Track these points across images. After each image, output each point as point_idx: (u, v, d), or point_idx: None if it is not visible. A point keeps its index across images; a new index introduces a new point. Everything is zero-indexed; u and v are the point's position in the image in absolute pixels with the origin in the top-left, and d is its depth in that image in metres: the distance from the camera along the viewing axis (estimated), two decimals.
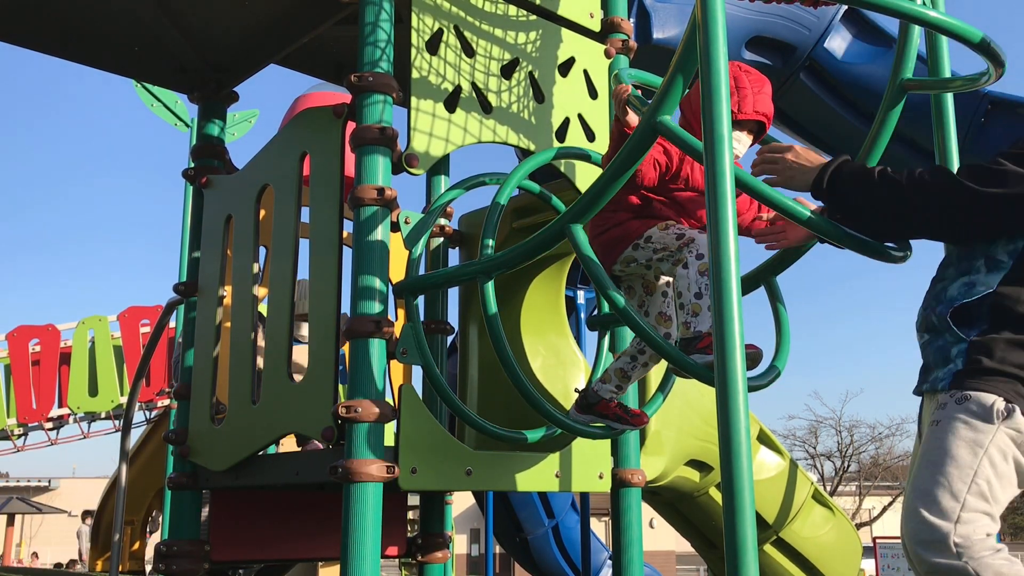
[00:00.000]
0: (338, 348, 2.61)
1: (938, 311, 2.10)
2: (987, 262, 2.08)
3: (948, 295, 2.11)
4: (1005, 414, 1.96)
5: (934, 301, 2.15)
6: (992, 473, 1.94)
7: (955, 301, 2.08)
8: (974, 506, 1.92)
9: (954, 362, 2.05)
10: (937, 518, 1.93)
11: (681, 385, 3.03)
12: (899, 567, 11.12)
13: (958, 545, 1.90)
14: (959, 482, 1.94)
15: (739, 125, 2.44)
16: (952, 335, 2.07)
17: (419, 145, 2.65)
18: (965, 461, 1.95)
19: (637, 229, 2.48)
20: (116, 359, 12.64)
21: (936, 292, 2.16)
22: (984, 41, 2.20)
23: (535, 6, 3.04)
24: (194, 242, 3.40)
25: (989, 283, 2.05)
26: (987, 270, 2.08)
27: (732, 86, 2.38)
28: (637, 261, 2.50)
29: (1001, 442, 1.96)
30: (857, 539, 5.25)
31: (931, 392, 2.10)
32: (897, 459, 31.67)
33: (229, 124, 5.45)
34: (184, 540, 3.10)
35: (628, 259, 2.51)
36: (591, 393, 2.65)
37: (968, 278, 2.10)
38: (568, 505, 6.67)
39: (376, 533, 2.32)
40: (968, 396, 1.98)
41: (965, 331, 2.05)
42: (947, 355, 2.07)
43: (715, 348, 1.80)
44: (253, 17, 3.29)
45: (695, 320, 2.30)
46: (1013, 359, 1.99)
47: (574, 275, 5.73)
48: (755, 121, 2.47)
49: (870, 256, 2.22)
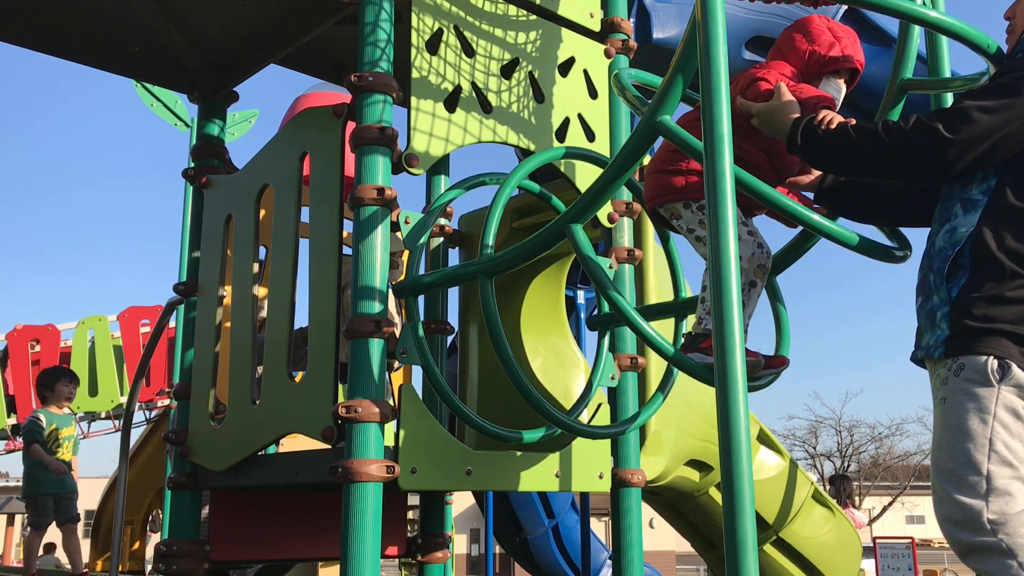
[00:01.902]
0: (338, 348, 2.61)
1: (935, 268, 2.09)
2: (963, 204, 2.09)
3: (936, 248, 2.11)
4: (1000, 373, 1.93)
5: (927, 260, 2.15)
6: (1007, 435, 1.92)
7: (944, 251, 2.07)
8: (1000, 475, 1.90)
9: (939, 326, 2.03)
10: (966, 496, 1.91)
11: (681, 385, 3.03)
12: (899, 567, 11.12)
13: (992, 522, 1.87)
14: (978, 454, 1.91)
15: (836, 73, 2.47)
16: (940, 296, 2.05)
17: (419, 145, 2.65)
18: (977, 431, 1.93)
19: (699, 190, 2.41)
20: (116, 359, 12.62)
21: (926, 250, 2.17)
22: (984, 41, 2.20)
23: (535, 6, 3.04)
24: (194, 242, 3.39)
25: (968, 223, 2.06)
26: (964, 212, 2.08)
27: (829, 36, 2.46)
28: (680, 219, 2.45)
29: (1006, 401, 1.93)
30: (857, 539, 5.25)
31: (929, 359, 2.08)
32: (897, 459, 31.71)
33: (229, 124, 5.46)
34: (184, 540, 3.10)
35: (673, 213, 2.48)
36: (698, 330, 2.45)
37: (949, 224, 2.10)
38: (568, 505, 6.67)
39: (376, 533, 2.32)
40: (963, 365, 1.97)
41: (950, 287, 2.03)
42: (933, 319, 2.06)
43: (715, 349, 1.80)
44: (253, 17, 3.29)
45: (708, 319, 2.28)
46: (995, 314, 1.97)
47: (574, 275, 5.73)
48: (850, 69, 2.49)
49: (870, 256, 2.22)
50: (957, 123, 1.99)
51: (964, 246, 2.04)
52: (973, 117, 1.99)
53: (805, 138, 2.16)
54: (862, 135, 2.09)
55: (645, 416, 2.86)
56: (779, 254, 2.51)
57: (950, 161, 2.00)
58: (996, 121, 1.98)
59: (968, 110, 2.00)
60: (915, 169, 2.09)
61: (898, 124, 2.05)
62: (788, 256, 2.49)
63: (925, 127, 2.01)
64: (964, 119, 1.99)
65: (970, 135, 1.98)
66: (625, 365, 3.00)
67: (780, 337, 2.57)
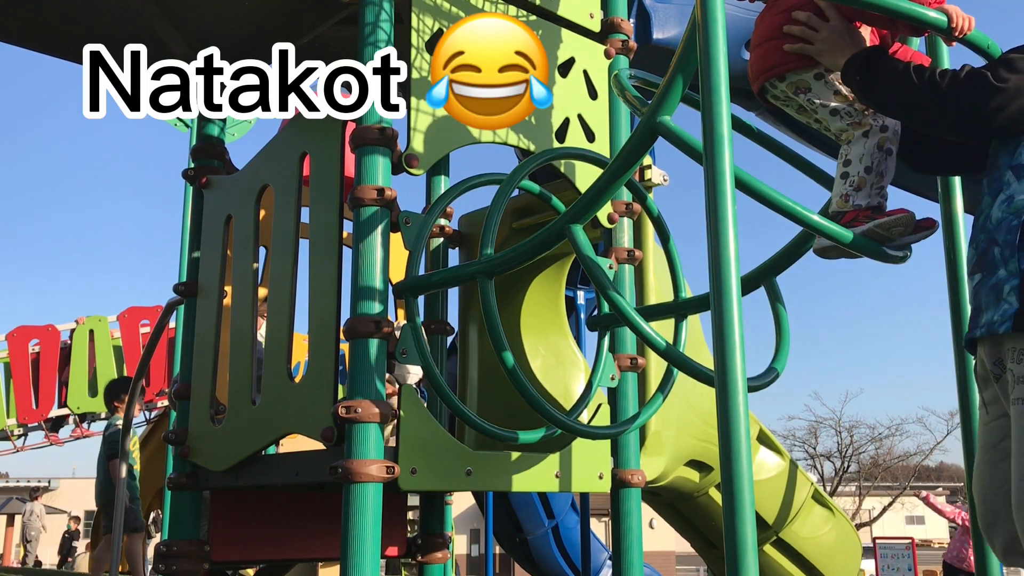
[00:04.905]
0: (338, 348, 2.61)
1: (1001, 240, 1.99)
2: (1014, 171, 2.04)
3: (994, 220, 2.04)
4: None
5: (983, 234, 2.06)
6: None
7: (1008, 221, 1.99)
8: None
9: (1007, 300, 1.94)
10: None
11: (681, 385, 3.03)
12: (899, 567, 11.12)
13: None
14: None
15: None
16: (1009, 268, 1.96)
17: (419, 145, 2.65)
18: None
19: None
20: (116, 359, 12.63)
21: (981, 225, 2.08)
22: (984, 41, 2.20)
23: (535, 6, 3.03)
24: (194, 242, 3.39)
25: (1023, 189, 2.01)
26: (1017, 179, 2.03)
27: None
28: (809, 92, 2.26)
29: None
30: (857, 539, 5.25)
31: (990, 337, 1.98)
32: (897, 459, 31.69)
33: (229, 124, 5.46)
34: (184, 540, 3.10)
35: (797, 85, 2.26)
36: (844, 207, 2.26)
37: (1003, 194, 2.04)
38: (568, 505, 6.66)
39: (376, 533, 2.32)
40: None
41: (1019, 258, 1.94)
42: (1000, 293, 1.96)
43: (715, 349, 1.80)
44: (253, 17, 3.29)
45: (856, 195, 2.18)
46: None
47: (574, 275, 5.72)
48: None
49: (870, 256, 2.22)
50: (1004, 72, 2.00)
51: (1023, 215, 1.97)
52: (1020, 67, 1.99)
53: (868, 65, 2.11)
54: (922, 76, 2.06)
55: (645, 416, 2.85)
56: (779, 255, 2.50)
57: (994, 109, 1.99)
58: None
59: (1015, 60, 2.01)
60: (962, 118, 2.06)
61: (953, 72, 2.05)
62: (788, 256, 2.49)
63: (975, 74, 2.02)
64: (1012, 68, 2.00)
65: (1017, 84, 1.98)
66: (625, 365, 3.00)
67: (780, 337, 2.57)
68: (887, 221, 2.15)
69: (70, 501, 27.73)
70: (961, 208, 3.00)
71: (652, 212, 3.05)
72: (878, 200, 2.21)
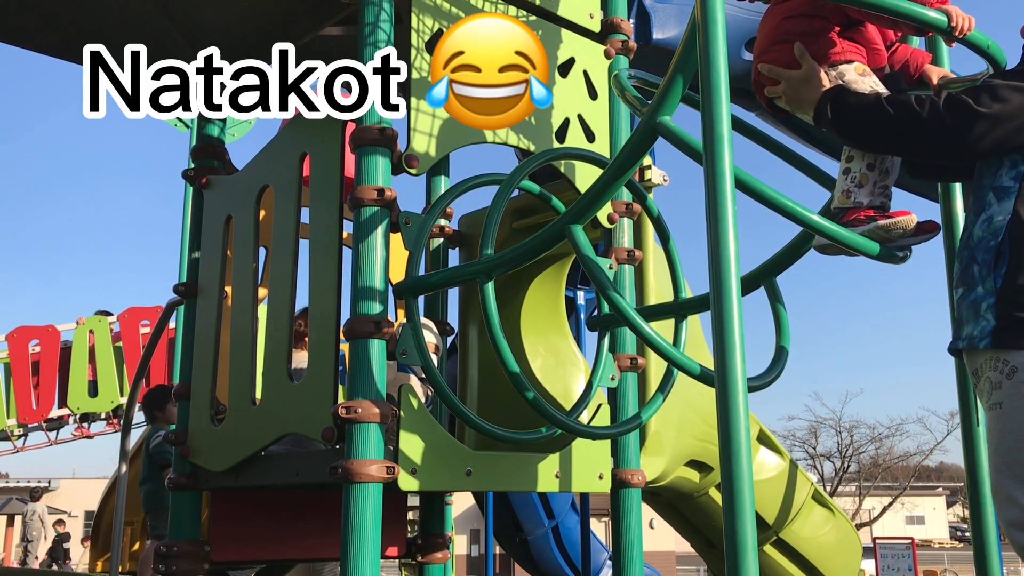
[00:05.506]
0: (338, 348, 2.61)
1: (980, 259, 2.06)
2: (995, 192, 2.07)
3: (976, 238, 2.09)
4: None
5: (966, 251, 2.12)
6: None
7: (986, 241, 2.05)
8: None
9: (984, 317, 2.01)
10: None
11: (681, 385, 3.03)
12: (899, 567, 11.11)
13: None
14: None
15: None
16: (986, 286, 2.02)
17: (419, 145, 2.64)
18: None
19: (832, 50, 2.23)
20: (116, 359, 12.62)
21: (965, 241, 2.14)
22: (984, 41, 2.20)
23: (535, 6, 3.03)
24: (194, 243, 3.39)
25: (1004, 210, 2.04)
26: (997, 200, 2.06)
27: None
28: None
29: None
30: (857, 539, 5.25)
31: (970, 350, 2.06)
32: (897, 459, 31.69)
33: (229, 125, 5.46)
34: (184, 540, 3.10)
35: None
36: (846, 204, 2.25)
37: (984, 214, 2.08)
38: (568, 505, 6.66)
39: (376, 533, 2.32)
40: (1015, 368, 1.94)
41: (996, 277, 2.00)
42: (978, 309, 2.03)
43: (715, 349, 1.80)
44: (253, 17, 3.29)
45: (858, 192, 2.19)
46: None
47: (574, 275, 5.72)
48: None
49: (870, 257, 2.21)
50: (987, 99, 2.00)
51: (1002, 235, 2.02)
52: (1003, 95, 2.00)
53: (836, 107, 2.12)
54: (896, 106, 2.06)
55: (645, 417, 2.85)
56: (779, 255, 2.50)
57: (977, 137, 2.00)
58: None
59: (998, 88, 2.01)
60: (944, 144, 2.07)
61: (930, 97, 2.05)
62: (788, 256, 2.49)
63: (956, 101, 2.02)
64: (994, 96, 2.00)
65: (999, 112, 1.99)
66: (625, 366, 3.00)
67: (780, 337, 2.57)
68: (888, 223, 2.16)
69: (70, 501, 27.72)
70: (961, 210, 3.00)
71: (652, 212, 3.05)
72: (881, 200, 2.21)
